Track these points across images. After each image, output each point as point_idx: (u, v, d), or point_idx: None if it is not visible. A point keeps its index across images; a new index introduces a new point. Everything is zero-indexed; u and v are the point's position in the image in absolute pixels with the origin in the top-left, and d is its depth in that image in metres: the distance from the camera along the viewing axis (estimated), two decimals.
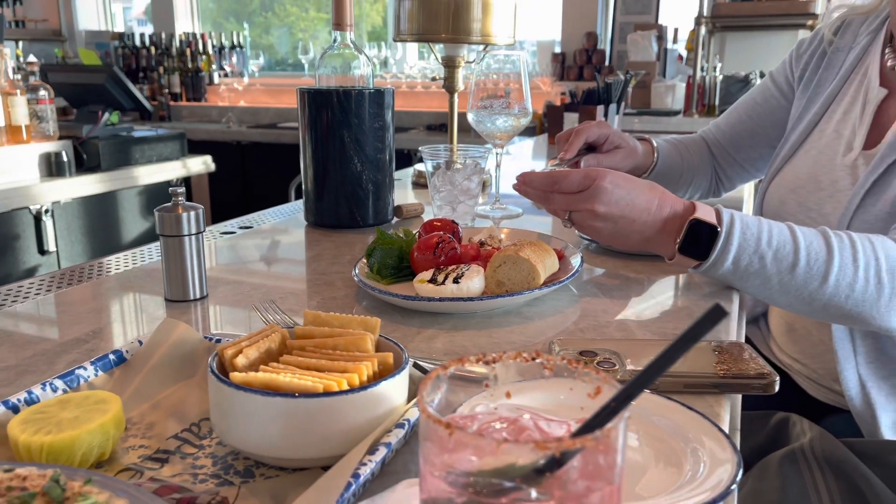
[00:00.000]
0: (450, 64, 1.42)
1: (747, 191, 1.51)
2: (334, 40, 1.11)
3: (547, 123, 2.34)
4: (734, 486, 0.41)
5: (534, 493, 0.29)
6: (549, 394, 0.36)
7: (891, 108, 0.94)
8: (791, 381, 1.05)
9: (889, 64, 0.96)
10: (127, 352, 0.55)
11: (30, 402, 0.47)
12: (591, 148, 1.10)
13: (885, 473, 0.80)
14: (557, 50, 4.05)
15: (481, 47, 1.40)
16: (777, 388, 0.57)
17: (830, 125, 1.01)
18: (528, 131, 3.42)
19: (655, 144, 1.15)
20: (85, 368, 0.52)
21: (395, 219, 1.18)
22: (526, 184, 0.83)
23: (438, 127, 3.88)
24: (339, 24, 1.10)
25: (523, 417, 0.36)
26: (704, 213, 0.75)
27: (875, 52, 1.00)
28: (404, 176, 1.69)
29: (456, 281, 0.73)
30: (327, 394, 0.42)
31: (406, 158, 3.37)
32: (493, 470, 0.30)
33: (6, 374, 0.60)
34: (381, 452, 0.42)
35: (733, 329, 0.76)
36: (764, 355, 1.11)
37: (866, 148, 0.94)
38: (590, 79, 3.72)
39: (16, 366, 0.62)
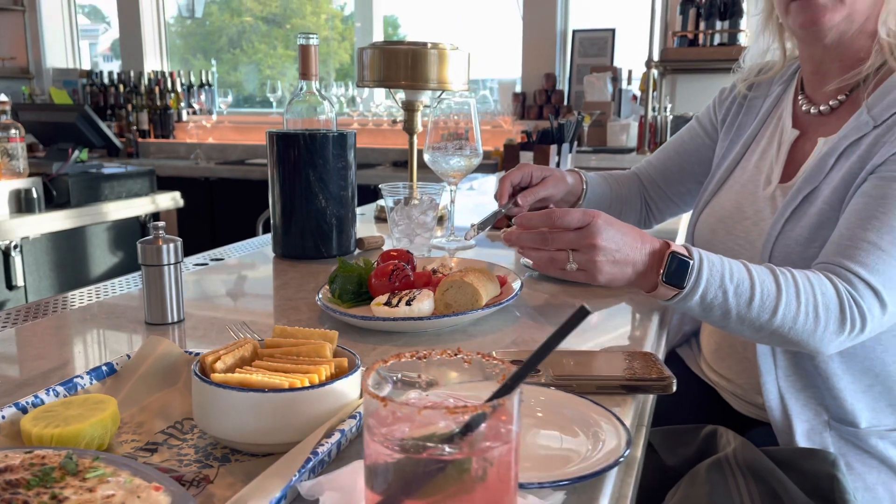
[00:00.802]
0: (409, 108, 1.54)
1: (683, 222, 1.64)
2: (300, 88, 1.22)
3: (504, 162, 2.48)
4: (622, 459, 0.51)
5: (447, 449, 0.39)
6: (468, 382, 0.46)
7: (803, 146, 1.07)
8: (719, 397, 1.15)
9: (803, 108, 1.09)
10: (117, 364, 0.64)
11: (36, 404, 0.55)
12: (521, 189, 1.17)
13: (798, 478, 0.90)
14: (518, 89, 4.23)
15: (438, 92, 1.52)
16: (674, 388, 0.68)
17: (751, 162, 1.13)
18: (490, 168, 3.56)
19: (583, 176, 1.26)
20: (82, 377, 0.60)
21: (358, 250, 1.28)
22: (523, 225, 0.84)
23: (404, 163, 4.01)
24: (305, 74, 1.22)
25: (447, 400, 0.45)
26: (678, 248, 0.83)
27: (788, 98, 1.13)
28: (369, 210, 1.79)
29: (408, 303, 0.83)
30: (292, 389, 0.51)
31: (372, 194, 3.47)
32: (420, 436, 0.40)
33: None
34: (336, 436, 0.51)
35: (650, 342, 0.86)
36: (694, 373, 1.22)
37: (782, 182, 1.07)
38: (549, 118, 3.88)
39: None
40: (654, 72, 3.40)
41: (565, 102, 4.12)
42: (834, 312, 0.82)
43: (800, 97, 1.10)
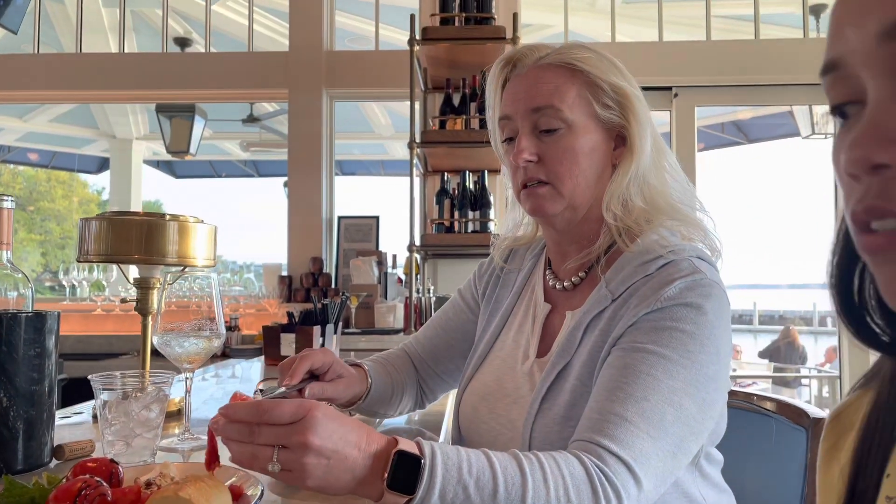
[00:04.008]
0: (143, 285, 1.35)
1: (450, 401, 1.58)
2: None
3: (264, 345, 2.30)
4: None
5: None
6: None
7: (555, 320, 1.08)
8: None
9: (550, 283, 1.12)
10: None
11: None
12: (313, 376, 1.05)
13: None
14: (285, 273, 4.14)
15: (179, 269, 1.36)
16: None
17: (510, 336, 1.12)
18: (253, 353, 3.32)
19: (367, 368, 1.16)
20: None
21: (55, 461, 1.00)
22: (228, 416, 0.72)
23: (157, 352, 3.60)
24: None
25: None
26: (406, 445, 0.73)
27: (538, 273, 1.16)
28: (89, 409, 1.48)
29: None
30: None
31: None
32: None
33: None
34: None
35: None
36: None
37: (539, 356, 1.05)
38: (312, 299, 3.81)
39: None
40: (417, 256, 3.54)
41: (333, 285, 4.10)
42: (585, 492, 0.76)
43: (547, 273, 1.14)
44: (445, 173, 3.51)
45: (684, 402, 0.85)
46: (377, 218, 4.24)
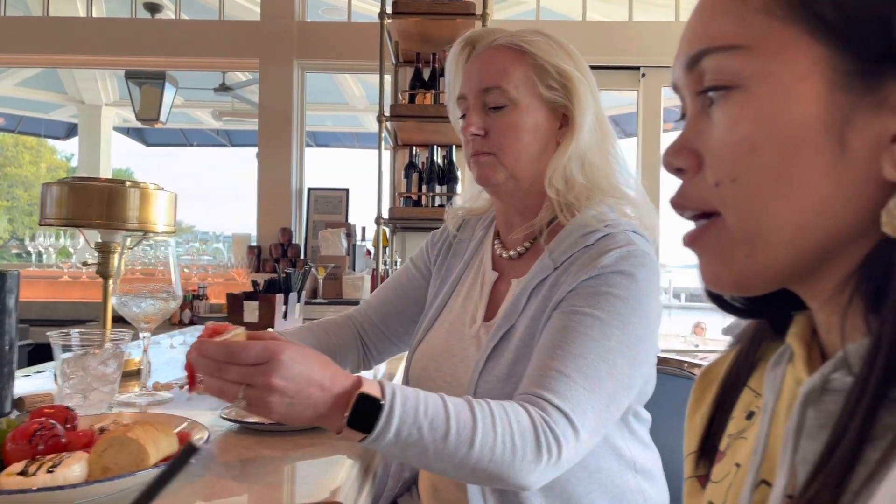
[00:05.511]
0: (104, 249, 1.39)
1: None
2: None
3: (227, 311, 2.35)
4: None
5: None
6: None
7: (501, 287, 1.15)
8: None
9: (498, 253, 1.18)
10: None
11: None
12: None
13: None
14: (254, 243, 4.16)
15: (140, 234, 1.40)
16: None
17: (458, 302, 1.19)
18: (219, 321, 3.36)
19: (288, 336, 1.21)
20: None
21: (16, 412, 1.06)
22: (199, 353, 0.80)
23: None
24: None
25: None
26: (370, 387, 0.79)
27: (488, 243, 1.23)
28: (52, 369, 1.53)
29: (50, 471, 0.67)
30: None
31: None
32: None
33: None
34: None
35: (347, 492, 0.80)
36: None
37: (486, 321, 1.12)
38: (276, 268, 3.85)
39: None
40: (387, 229, 3.59)
41: (302, 256, 4.14)
42: (529, 439, 0.84)
43: (495, 242, 1.20)
44: (414, 147, 3.55)
45: (617, 359, 0.93)
46: (347, 190, 4.27)
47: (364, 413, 0.77)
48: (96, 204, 1.33)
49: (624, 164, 1.16)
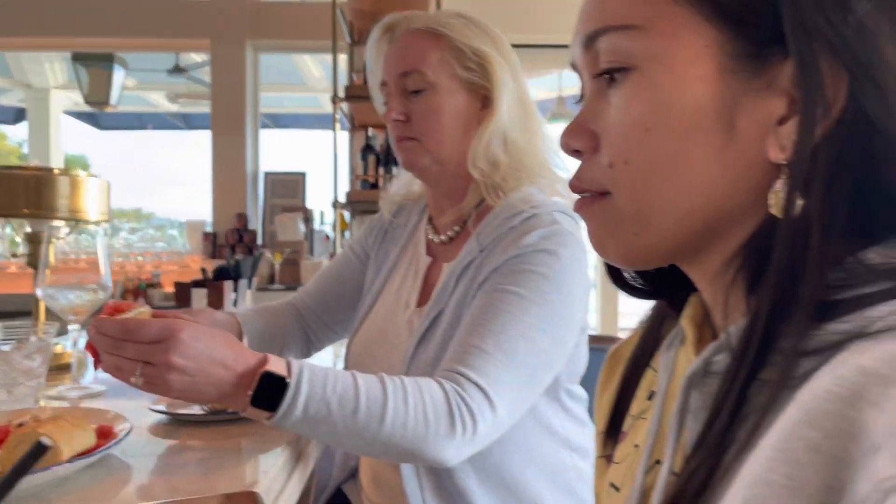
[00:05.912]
0: (33, 240, 1.35)
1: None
2: None
3: (176, 300, 2.32)
4: None
5: None
6: None
7: (434, 272, 1.15)
8: None
9: (430, 237, 1.18)
10: None
11: None
12: None
13: None
14: (209, 229, 4.10)
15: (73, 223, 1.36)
16: None
17: (393, 287, 1.18)
18: (173, 309, 3.31)
19: (238, 318, 1.20)
20: None
21: None
22: (97, 331, 0.79)
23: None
24: None
25: None
26: (276, 365, 0.79)
27: (421, 228, 1.22)
28: None
29: None
30: None
31: None
32: None
33: None
34: None
35: (267, 483, 0.79)
36: None
37: (419, 306, 1.12)
38: (227, 255, 3.80)
39: None
40: (346, 212, 3.56)
41: (259, 241, 4.09)
42: (442, 413, 0.84)
43: (428, 227, 1.20)
44: (371, 129, 3.52)
45: (537, 336, 0.94)
46: (304, 174, 4.22)
47: (269, 391, 0.77)
48: (23, 193, 1.28)
49: (551, 144, 1.16)
